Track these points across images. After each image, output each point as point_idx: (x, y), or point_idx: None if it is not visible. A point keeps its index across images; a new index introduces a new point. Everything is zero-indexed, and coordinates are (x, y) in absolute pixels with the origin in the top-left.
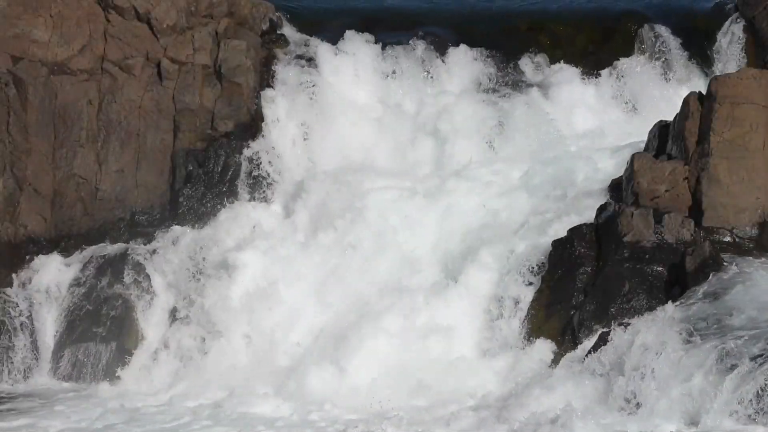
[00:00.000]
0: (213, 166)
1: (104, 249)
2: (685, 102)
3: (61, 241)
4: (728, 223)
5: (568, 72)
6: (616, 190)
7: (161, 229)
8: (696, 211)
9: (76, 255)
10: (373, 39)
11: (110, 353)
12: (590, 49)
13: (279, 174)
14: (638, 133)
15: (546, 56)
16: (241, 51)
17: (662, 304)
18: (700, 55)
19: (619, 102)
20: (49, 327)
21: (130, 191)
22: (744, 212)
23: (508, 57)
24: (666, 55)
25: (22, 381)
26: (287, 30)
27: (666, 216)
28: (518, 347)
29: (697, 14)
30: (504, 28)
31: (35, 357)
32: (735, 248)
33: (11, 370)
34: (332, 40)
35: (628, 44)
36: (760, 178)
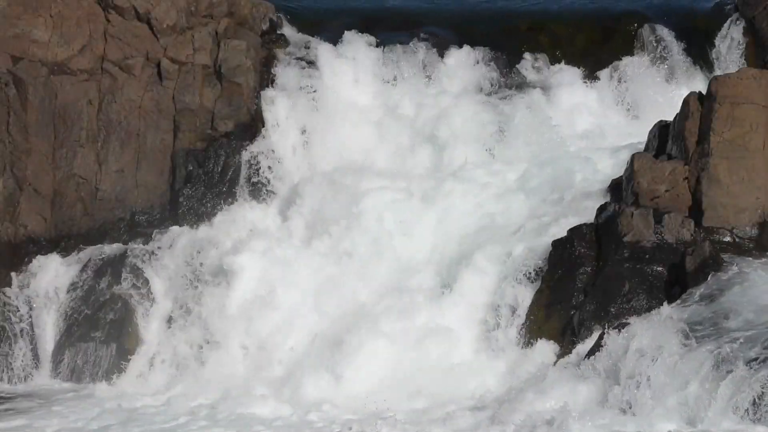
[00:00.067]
0: (213, 166)
1: (103, 250)
2: (685, 102)
3: (61, 241)
4: (728, 223)
5: (569, 72)
6: (616, 190)
7: (161, 230)
8: (696, 211)
9: (76, 256)
10: (374, 40)
11: (110, 355)
12: (590, 50)
13: (279, 175)
14: (638, 133)
15: (546, 56)
16: (241, 51)
17: (662, 305)
18: (701, 55)
19: (618, 103)
20: (48, 329)
21: (130, 191)
22: (744, 212)
23: (508, 57)
24: (666, 56)
25: (22, 382)
26: (287, 30)
27: (666, 216)
28: (518, 348)
29: (697, 14)
30: (504, 28)
31: (35, 358)
32: (735, 248)
33: (11, 370)
34: (332, 41)
35: (628, 44)
36: (760, 178)
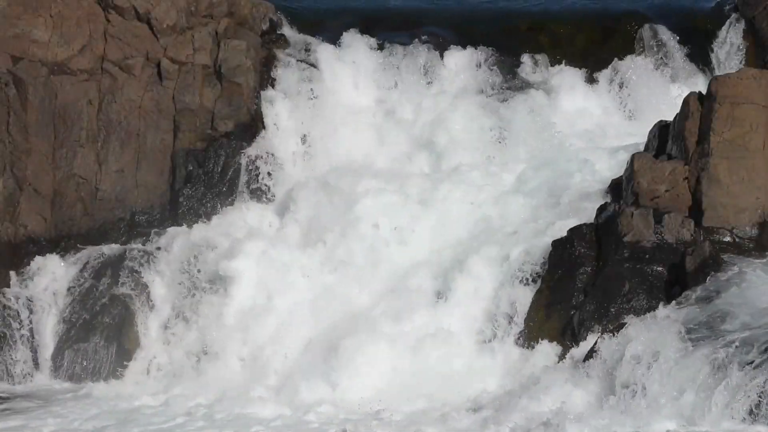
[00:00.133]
0: (213, 166)
1: (102, 250)
2: (685, 102)
3: (61, 241)
4: (728, 223)
5: (569, 73)
6: (616, 190)
7: (159, 230)
8: (696, 211)
9: (76, 256)
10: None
11: (109, 356)
12: (591, 50)
13: (278, 175)
14: (638, 133)
15: (546, 57)
16: (241, 51)
17: (662, 304)
18: (701, 55)
19: (619, 103)
20: (47, 330)
21: (130, 191)
22: (744, 212)
23: (509, 57)
24: (666, 56)
25: (21, 383)
26: (287, 30)
27: (666, 216)
28: (518, 349)
29: (697, 14)
30: (504, 29)
31: (34, 359)
32: (735, 248)
33: (10, 371)
34: (333, 41)
35: (628, 44)
36: (760, 178)
